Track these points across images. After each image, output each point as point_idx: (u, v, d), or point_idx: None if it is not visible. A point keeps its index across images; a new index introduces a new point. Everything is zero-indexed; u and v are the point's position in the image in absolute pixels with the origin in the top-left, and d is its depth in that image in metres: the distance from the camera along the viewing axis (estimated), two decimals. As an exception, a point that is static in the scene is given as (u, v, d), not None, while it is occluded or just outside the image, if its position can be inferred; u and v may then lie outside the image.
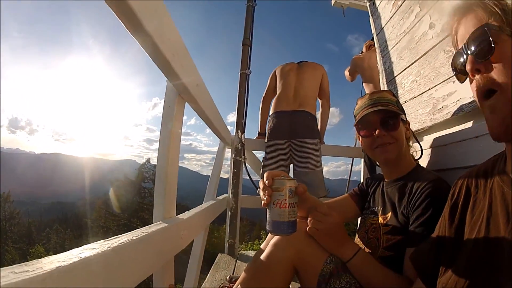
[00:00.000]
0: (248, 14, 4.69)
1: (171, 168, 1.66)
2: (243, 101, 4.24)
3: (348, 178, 6.17)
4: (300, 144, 4.07)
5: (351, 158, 5.46)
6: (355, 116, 2.00)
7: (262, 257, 1.60)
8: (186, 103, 1.84)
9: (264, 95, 4.76)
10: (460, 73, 1.08)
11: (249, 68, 4.43)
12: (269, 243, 1.76)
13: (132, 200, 40.53)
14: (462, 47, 1.00)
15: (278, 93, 4.51)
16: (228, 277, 2.97)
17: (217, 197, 3.73)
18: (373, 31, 3.96)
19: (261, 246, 1.96)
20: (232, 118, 4.23)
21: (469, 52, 0.96)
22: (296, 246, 1.56)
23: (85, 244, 0.93)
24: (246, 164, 4.13)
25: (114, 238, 1.05)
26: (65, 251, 0.84)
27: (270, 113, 4.46)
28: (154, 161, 56.62)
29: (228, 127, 3.95)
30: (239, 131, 4.06)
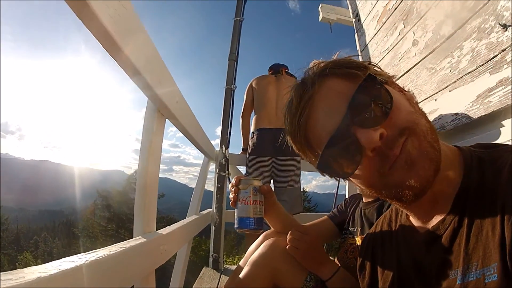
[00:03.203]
0: (235, 29, 4.75)
1: (151, 183, 1.71)
2: (228, 116, 4.30)
3: (336, 193, 6.23)
4: (283, 162, 4.17)
5: None
6: None
7: (241, 275, 1.64)
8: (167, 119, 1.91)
9: (242, 111, 4.82)
10: (343, 167, 0.88)
11: (234, 83, 4.48)
12: (247, 259, 1.83)
13: (120, 211, 40.29)
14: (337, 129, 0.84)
15: (259, 109, 4.57)
16: None
17: (201, 212, 3.75)
18: (358, 47, 4.06)
19: (240, 263, 1.99)
20: (220, 131, 4.31)
21: (351, 124, 0.82)
22: (275, 264, 1.61)
23: (71, 255, 0.99)
24: (230, 179, 4.18)
25: (92, 252, 1.08)
26: (53, 259, 0.90)
27: (252, 129, 4.52)
28: (143, 173, 56.83)
29: (217, 140, 4.03)
30: (223, 146, 4.10)
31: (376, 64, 0.95)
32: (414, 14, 2.79)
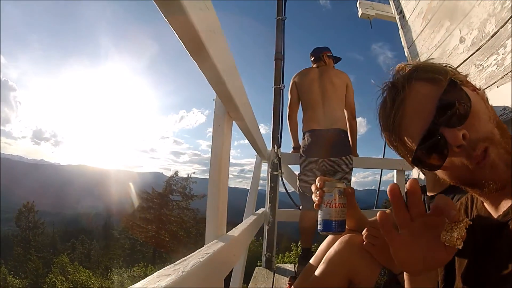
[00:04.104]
0: (278, 29, 4.80)
1: (223, 187, 1.81)
2: (278, 115, 4.34)
3: (378, 189, 6.30)
4: (335, 163, 4.19)
5: (380, 169, 5.61)
6: None
7: (317, 273, 1.74)
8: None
9: (288, 111, 4.75)
10: (434, 161, 1.06)
11: (282, 82, 4.52)
12: (318, 257, 1.94)
13: (160, 212, 40.65)
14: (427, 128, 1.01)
15: (306, 110, 4.56)
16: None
17: (256, 212, 3.80)
18: (404, 43, 4.09)
19: (311, 261, 2.05)
20: (262, 129, 4.35)
21: (439, 125, 0.99)
22: (351, 261, 1.69)
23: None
24: (283, 178, 4.26)
25: (182, 261, 1.16)
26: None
27: (303, 130, 4.51)
28: (182, 174, 56.46)
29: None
30: (275, 146, 4.17)
31: (452, 66, 1.11)
32: (458, 12, 2.83)
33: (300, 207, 4.31)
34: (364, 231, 1.67)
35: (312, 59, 4.82)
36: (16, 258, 36.10)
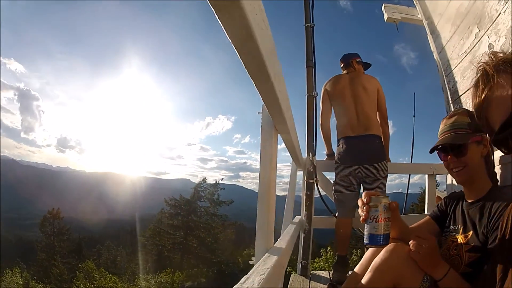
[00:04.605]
0: (307, 35, 4.79)
1: (272, 202, 1.87)
2: (312, 123, 4.35)
3: (406, 193, 6.35)
4: (370, 169, 4.18)
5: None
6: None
7: (364, 281, 1.85)
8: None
9: (321, 120, 4.74)
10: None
11: (315, 90, 4.50)
12: (363, 266, 2.08)
13: (188, 218, 40.98)
14: None
15: (339, 117, 4.58)
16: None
17: (293, 220, 3.81)
18: (433, 49, 4.15)
19: (355, 270, 2.20)
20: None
21: None
22: (398, 268, 1.80)
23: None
24: (318, 186, 4.30)
25: (246, 280, 1.24)
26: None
27: (338, 137, 4.52)
28: (209, 180, 56.77)
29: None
30: (310, 154, 4.19)
31: None
32: (486, 19, 2.90)
33: (336, 215, 4.31)
34: (411, 242, 1.80)
35: (342, 66, 4.83)
36: (40, 263, 36.49)
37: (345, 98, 4.48)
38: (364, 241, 1.77)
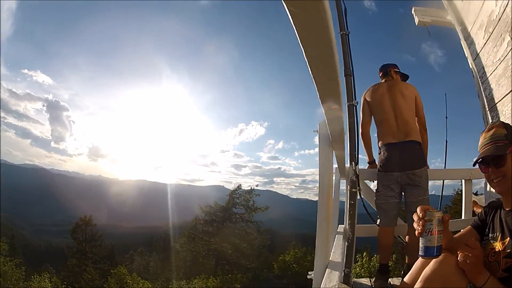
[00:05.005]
0: (343, 43, 4.83)
1: (332, 217, 1.95)
2: (353, 132, 4.41)
3: (441, 195, 6.43)
4: (411, 176, 4.25)
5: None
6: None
7: None
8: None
9: (361, 129, 4.77)
10: None
11: (355, 99, 4.55)
12: (413, 276, 2.20)
13: (223, 225, 41.10)
14: None
15: (380, 124, 4.69)
16: None
17: (338, 230, 3.88)
18: (467, 55, 4.21)
19: (405, 279, 2.30)
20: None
21: None
22: (446, 278, 1.93)
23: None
24: (361, 195, 4.39)
25: None
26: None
27: (379, 145, 4.62)
28: (244, 186, 56.68)
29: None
30: (352, 163, 4.25)
31: None
32: None
33: (378, 222, 4.37)
34: (460, 251, 1.95)
35: (380, 75, 4.99)
36: (70, 269, 36.71)
37: (384, 105, 4.61)
38: (419, 253, 1.90)
